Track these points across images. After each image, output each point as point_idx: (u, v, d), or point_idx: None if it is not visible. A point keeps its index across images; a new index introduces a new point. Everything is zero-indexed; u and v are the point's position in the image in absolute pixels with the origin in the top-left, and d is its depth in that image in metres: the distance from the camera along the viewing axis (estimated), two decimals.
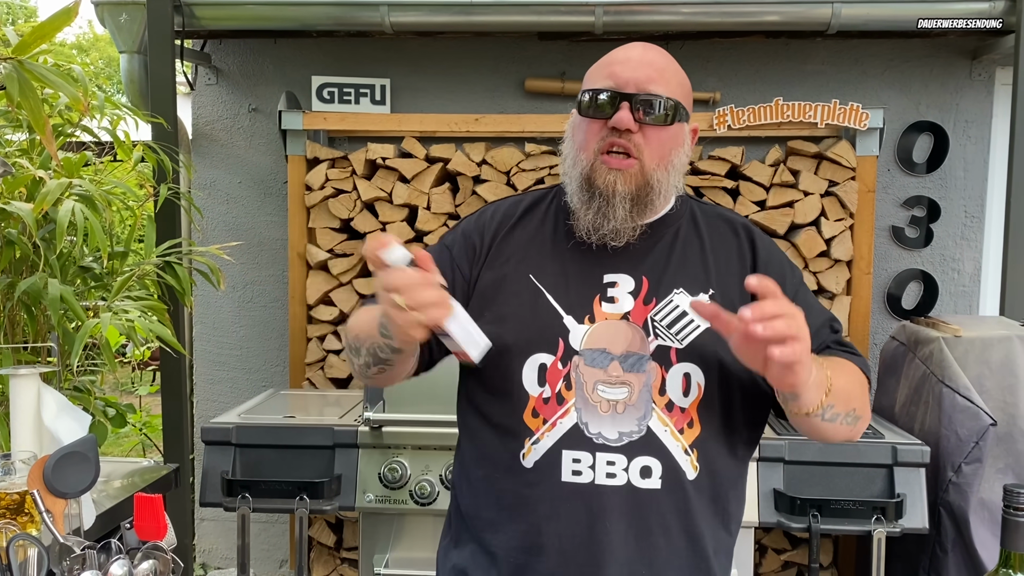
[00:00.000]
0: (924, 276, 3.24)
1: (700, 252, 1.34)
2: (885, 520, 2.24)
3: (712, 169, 3.01)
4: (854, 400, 1.23)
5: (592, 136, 1.28)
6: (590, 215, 1.28)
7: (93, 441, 1.13)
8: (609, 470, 1.23)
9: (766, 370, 1.06)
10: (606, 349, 1.25)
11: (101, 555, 1.06)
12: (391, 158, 3.09)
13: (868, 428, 2.41)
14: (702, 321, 1.25)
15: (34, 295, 2.51)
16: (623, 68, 1.27)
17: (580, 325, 1.27)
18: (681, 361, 1.26)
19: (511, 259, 1.34)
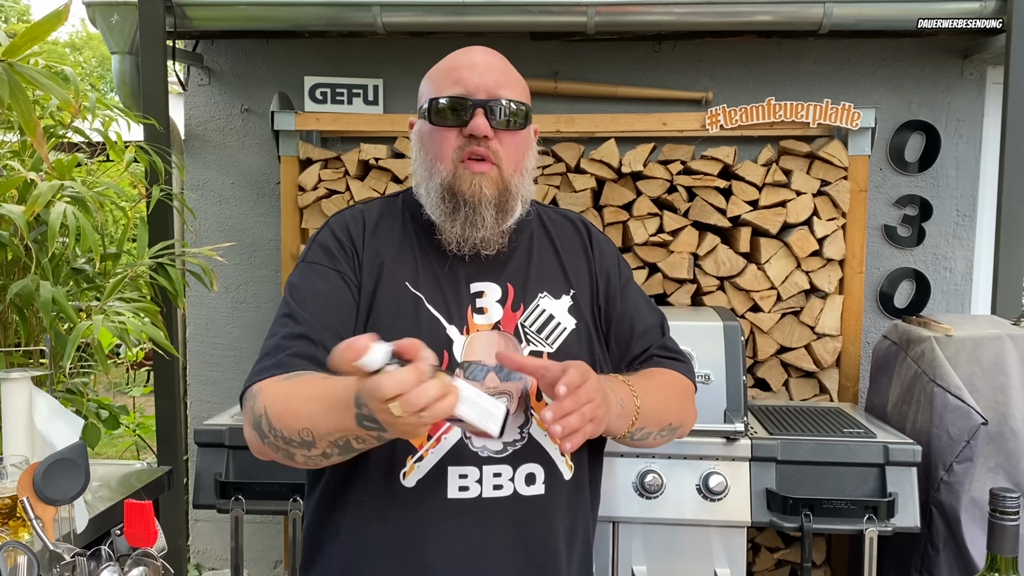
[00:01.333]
0: (916, 275, 3.25)
1: (555, 255, 1.36)
2: (877, 519, 2.25)
3: (704, 169, 3.01)
4: (669, 414, 1.32)
5: (448, 145, 1.25)
6: (457, 226, 1.25)
7: (83, 448, 1.13)
8: (496, 482, 1.23)
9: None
10: (482, 361, 1.24)
11: (91, 562, 1.06)
12: (384, 158, 3.09)
13: (859, 428, 2.42)
14: (568, 322, 1.30)
15: (26, 297, 2.51)
16: (471, 74, 1.25)
17: (460, 336, 1.25)
18: None
19: (383, 268, 1.29)
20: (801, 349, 3.03)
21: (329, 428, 1.04)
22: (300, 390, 1.11)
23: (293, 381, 1.13)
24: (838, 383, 3.05)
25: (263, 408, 1.12)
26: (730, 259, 3.01)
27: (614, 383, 1.21)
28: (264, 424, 1.10)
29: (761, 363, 3.05)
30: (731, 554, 2.36)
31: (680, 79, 3.24)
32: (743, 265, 3.01)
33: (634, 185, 3.06)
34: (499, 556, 1.22)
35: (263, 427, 1.11)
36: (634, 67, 3.26)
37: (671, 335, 1.46)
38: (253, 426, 1.13)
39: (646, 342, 1.39)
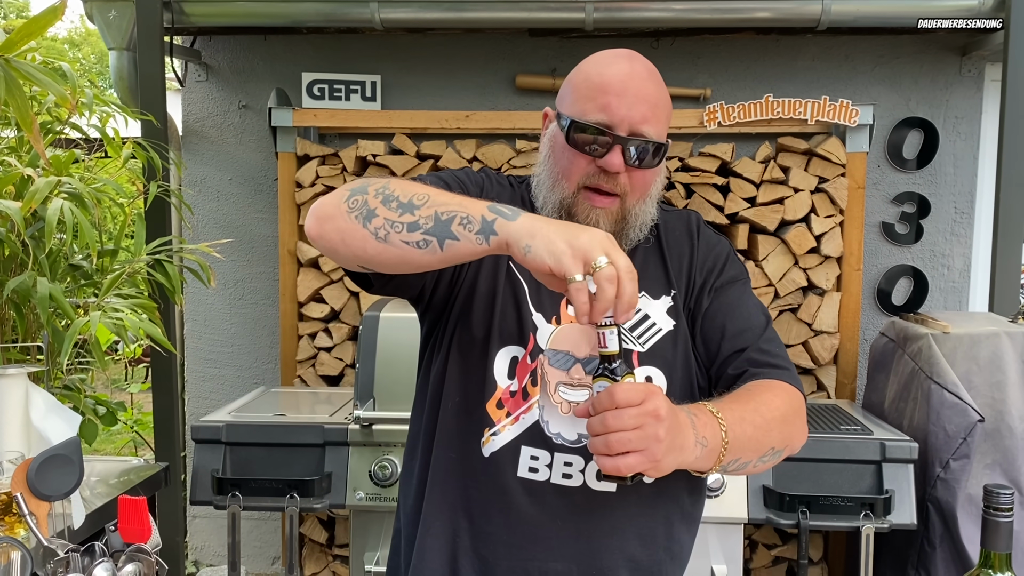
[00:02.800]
0: (914, 272, 3.25)
1: (660, 255, 1.33)
2: (874, 516, 2.25)
3: (702, 166, 3.01)
4: (770, 439, 1.17)
5: (577, 169, 1.23)
6: None
7: (77, 443, 1.13)
8: (566, 471, 1.22)
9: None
10: (570, 352, 1.24)
11: (85, 558, 1.06)
12: (381, 155, 3.08)
13: (856, 425, 2.42)
14: (665, 323, 1.27)
15: (23, 294, 2.51)
16: (619, 102, 1.19)
17: (547, 324, 1.26)
18: (643, 364, 1.26)
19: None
20: (799, 346, 3.03)
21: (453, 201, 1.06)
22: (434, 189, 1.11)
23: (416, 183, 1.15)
24: (836, 380, 3.05)
25: (385, 185, 1.11)
26: None
27: (700, 416, 1.09)
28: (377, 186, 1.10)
29: None
30: (728, 551, 2.36)
31: (678, 76, 3.23)
32: None
33: None
34: (553, 543, 1.22)
35: (370, 187, 1.10)
36: None
37: (775, 338, 1.31)
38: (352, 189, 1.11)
39: (739, 343, 1.27)
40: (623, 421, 0.98)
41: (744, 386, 1.22)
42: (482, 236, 1.03)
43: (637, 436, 0.98)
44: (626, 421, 0.98)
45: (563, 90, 1.29)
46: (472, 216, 1.04)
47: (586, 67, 1.27)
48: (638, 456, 0.99)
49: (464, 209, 1.05)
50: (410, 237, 1.06)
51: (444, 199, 1.07)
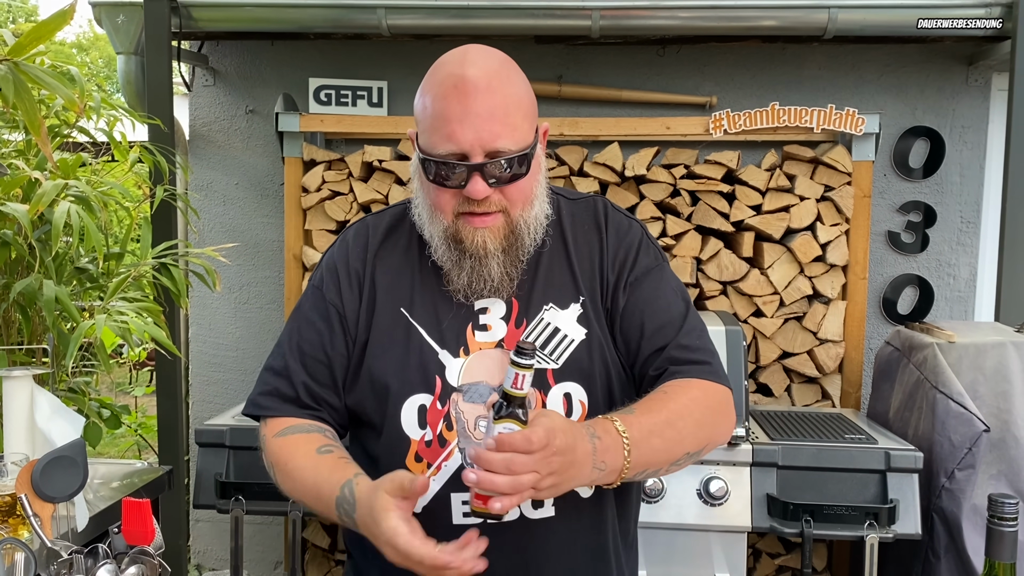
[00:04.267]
0: (920, 281, 3.24)
1: (566, 258, 1.28)
2: (878, 525, 2.24)
3: (708, 173, 3.01)
4: (682, 446, 1.17)
5: (445, 202, 1.18)
6: (464, 276, 1.21)
7: (82, 445, 1.13)
8: None
9: None
10: (484, 381, 1.20)
11: (88, 560, 1.06)
12: (388, 160, 3.09)
13: (860, 434, 2.42)
14: (576, 333, 1.23)
15: (29, 296, 2.51)
16: (463, 129, 1.12)
17: (455, 359, 1.21)
18: (560, 381, 1.22)
19: (379, 290, 1.28)
20: (803, 355, 3.02)
21: (317, 510, 1.18)
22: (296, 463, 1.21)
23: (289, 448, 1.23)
24: (840, 389, 3.04)
25: (271, 462, 1.26)
26: (733, 264, 3.00)
27: (604, 438, 1.07)
28: (273, 474, 1.25)
29: (763, 368, 3.04)
30: (732, 559, 2.35)
31: (684, 83, 3.24)
32: (746, 270, 3.00)
33: (637, 189, 3.06)
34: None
35: (273, 474, 1.25)
36: (638, 71, 3.26)
37: (696, 326, 1.28)
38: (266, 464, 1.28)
39: (658, 341, 1.24)
40: (531, 465, 0.98)
41: (661, 388, 1.19)
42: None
43: (538, 480, 1.00)
44: (534, 465, 0.98)
45: (416, 110, 1.22)
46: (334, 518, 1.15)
47: (426, 90, 1.20)
48: (533, 493, 1.01)
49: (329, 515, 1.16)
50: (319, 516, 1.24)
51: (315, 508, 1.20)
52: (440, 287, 1.25)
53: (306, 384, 1.25)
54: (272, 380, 1.28)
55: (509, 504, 0.99)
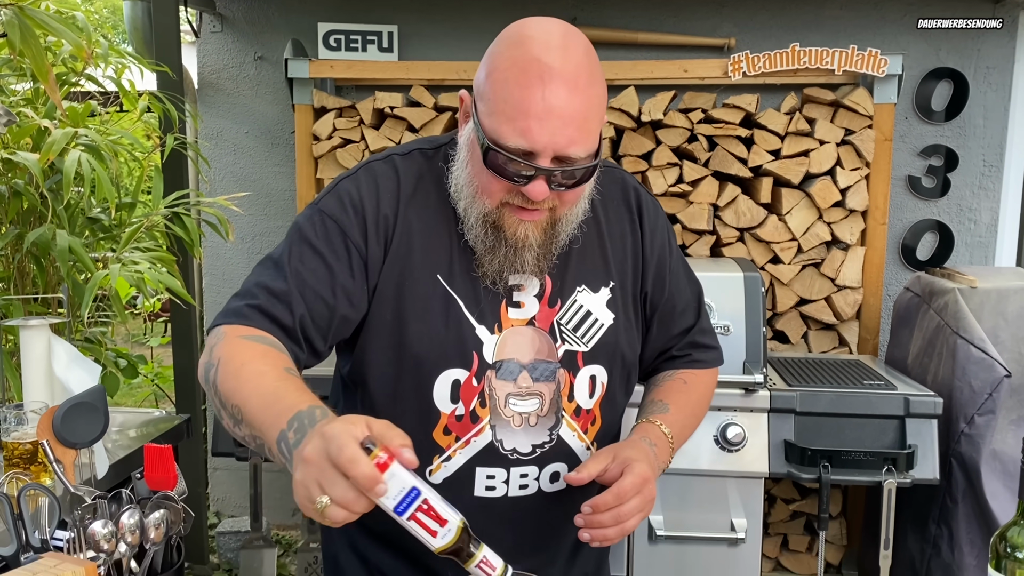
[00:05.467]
0: (940, 227, 3.19)
1: (598, 241, 1.25)
2: (896, 471, 2.24)
3: (726, 117, 2.95)
4: (697, 426, 1.35)
5: (497, 190, 1.11)
6: (496, 263, 1.15)
7: (102, 392, 1.12)
8: (522, 482, 1.21)
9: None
10: (515, 359, 1.18)
11: (112, 505, 1.06)
12: (399, 107, 3.04)
13: (879, 380, 2.40)
14: (605, 317, 1.23)
15: (43, 246, 2.50)
16: (541, 128, 1.03)
17: (491, 336, 1.18)
18: (587, 364, 1.22)
19: (413, 251, 1.17)
20: (821, 301, 2.99)
21: (256, 423, 0.99)
22: (255, 365, 1.04)
23: (256, 350, 1.07)
24: (858, 336, 3.02)
25: (217, 359, 1.06)
26: (751, 210, 2.96)
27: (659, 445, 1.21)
28: (212, 374, 1.06)
29: (780, 315, 3.02)
30: (748, 504, 2.36)
31: (702, 25, 3.16)
32: (764, 216, 2.96)
33: (653, 134, 3.01)
34: (519, 548, 1.20)
35: (210, 376, 1.06)
36: (655, 12, 3.18)
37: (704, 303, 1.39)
38: (204, 367, 1.08)
39: (684, 322, 1.34)
40: (635, 511, 1.08)
41: (681, 377, 1.34)
42: (290, 467, 0.94)
43: (633, 523, 1.10)
44: (638, 510, 1.09)
45: (481, 80, 1.11)
46: (272, 451, 0.97)
47: (503, 66, 1.07)
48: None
49: (265, 439, 0.98)
50: (252, 444, 1.03)
51: (250, 416, 1.00)
52: (473, 262, 1.18)
53: (303, 320, 1.12)
54: (268, 302, 1.11)
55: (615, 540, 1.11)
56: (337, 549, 1.33)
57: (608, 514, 1.07)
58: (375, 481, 0.83)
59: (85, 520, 1.02)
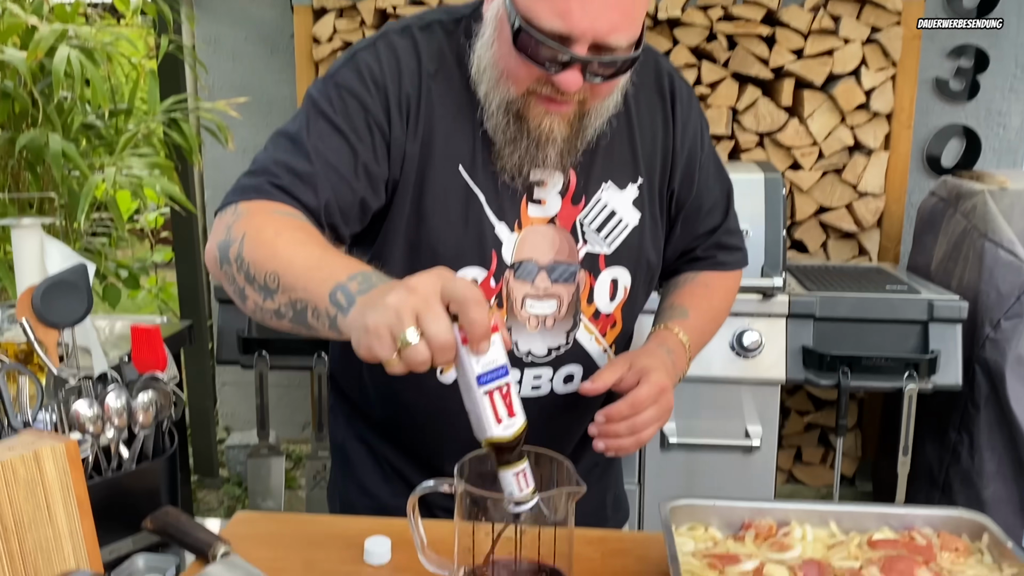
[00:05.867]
0: (966, 132, 3.06)
1: (628, 133, 1.14)
2: (918, 377, 2.18)
3: (746, 15, 2.80)
4: (715, 332, 1.29)
5: (524, 75, 1.00)
6: (516, 156, 1.05)
7: (84, 270, 1.05)
8: (535, 383, 1.15)
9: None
10: (533, 259, 1.10)
11: (98, 386, 1.00)
12: (402, 6, 2.91)
13: (902, 285, 2.33)
14: (630, 217, 1.14)
15: (35, 151, 2.42)
16: (583, 11, 0.93)
17: (511, 234, 1.09)
18: (609, 266, 1.14)
19: (435, 138, 1.07)
20: (842, 209, 2.89)
21: (298, 285, 0.88)
22: (293, 234, 0.94)
23: (290, 223, 0.96)
24: (879, 244, 2.93)
25: (243, 232, 0.94)
26: (771, 113, 2.84)
27: (676, 352, 1.15)
28: (235, 248, 0.93)
29: (799, 224, 2.93)
30: (763, 412, 2.30)
31: None
32: (784, 120, 2.84)
33: (671, 33, 2.87)
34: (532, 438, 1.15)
35: (231, 251, 0.94)
36: None
37: (733, 202, 1.29)
38: (220, 245, 0.96)
39: (712, 221, 1.25)
40: (652, 420, 1.04)
41: (703, 281, 1.27)
42: (335, 332, 0.85)
43: (648, 433, 1.05)
44: (655, 419, 1.04)
45: None
46: (319, 309, 0.86)
47: None
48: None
49: (311, 298, 0.86)
50: (281, 324, 0.92)
51: (292, 278, 0.89)
52: (491, 153, 1.09)
53: (328, 205, 1.01)
54: (291, 182, 1.00)
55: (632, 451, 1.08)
56: (345, 439, 1.28)
57: (623, 424, 1.03)
58: (490, 332, 0.75)
59: (69, 402, 0.96)
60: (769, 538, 0.90)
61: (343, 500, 1.29)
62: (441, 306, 0.75)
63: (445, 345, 0.74)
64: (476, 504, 0.81)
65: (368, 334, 0.76)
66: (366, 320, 0.76)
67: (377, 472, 1.25)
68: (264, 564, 0.93)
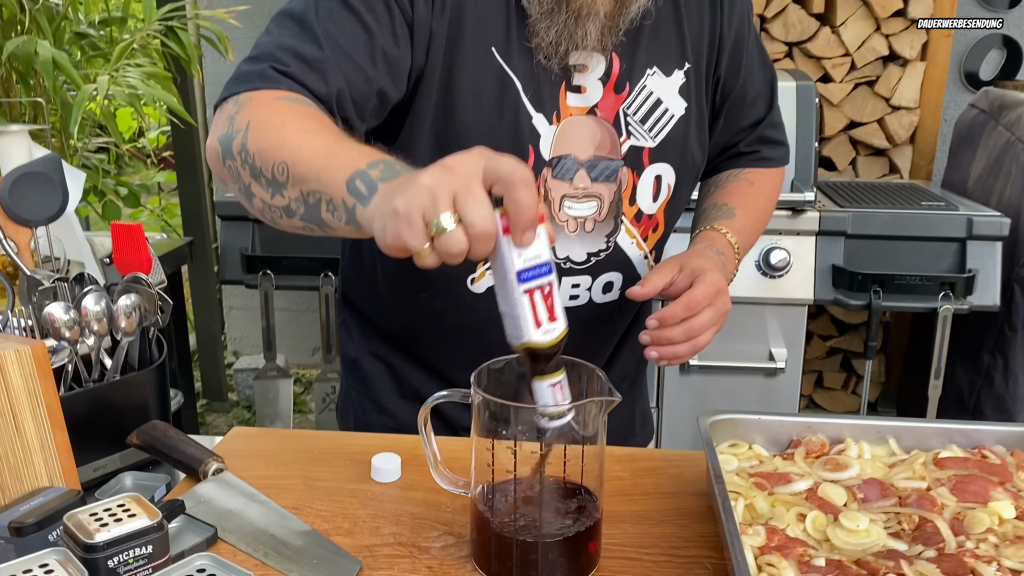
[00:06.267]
0: (1007, 42, 2.89)
1: (674, 12, 1.03)
2: (953, 296, 2.07)
3: None
4: (761, 232, 1.20)
5: None
6: (553, 33, 0.93)
7: (57, 161, 0.95)
8: (573, 292, 1.04)
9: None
10: (572, 155, 0.99)
11: (75, 287, 0.90)
12: None
13: (939, 201, 2.21)
14: (676, 106, 1.02)
15: (25, 60, 2.30)
16: None
17: (549, 127, 0.97)
18: (654, 162, 1.03)
19: (465, 15, 0.94)
20: (873, 124, 2.75)
21: (312, 175, 0.77)
22: (303, 123, 0.83)
23: (299, 110, 0.85)
24: (911, 161, 2.79)
25: (246, 121, 0.83)
26: (801, 21, 2.67)
27: (726, 252, 1.05)
28: (238, 140, 0.83)
29: (827, 140, 2.78)
30: (789, 334, 2.21)
31: None
32: (815, 28, 2.68)
33: None
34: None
35: (234, 143, 0.83)
36: None
37: (776, 92, 1.18)
38: (222, 138, 0.86)
39: (756, 113, 1.15)
40: (708, 323, 0.94)
41: (748, 178, 1.17)
42: (352, 226, 0.74)
43: (705, 338, 0.95)
44: (711, 322, 0.94)
45: None
46: (335, 201, 0.74)
47: None
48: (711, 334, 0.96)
49: (326, 189, 0.75)
50: (293, 224, 0.81)
51: (303, 168, 0.77)
52: (525, 29, 0.96)
53: (340, 94, 0.89)
54: (299, 69, 0.88)
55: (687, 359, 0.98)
56: (359, 354, 1.19)
57: (678, 328, 0.93)
58: (537, 219, 0.64)
59: (44, 306, 0.87)
60: (821, 456, 0.81)
61: (357, 419, 1.20)
62: (483, 189, 0.64)
63: (485, 233, 0.63)
64: (495, 418, 0.71)
65: (397, 219, 0.64)
66: (395, 203, 0.65)
67: (393, 389, 1.16)
68: (261, 483, 0.85)
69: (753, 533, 0.68)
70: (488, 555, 0.73)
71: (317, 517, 0.80)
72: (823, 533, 0.69)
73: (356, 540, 0.77)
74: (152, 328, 0.95)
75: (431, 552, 0.76)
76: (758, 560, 0.65)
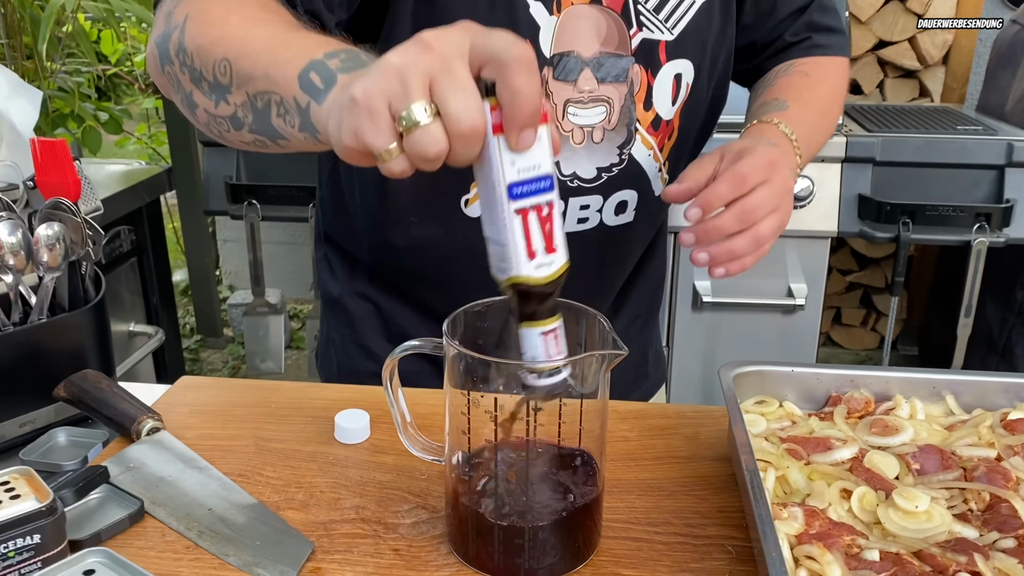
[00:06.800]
0: None
1: None
2: (989, 228, 1.92)
3: None
4: (828, 133, 0.99)
5: None
6: None
7: None
8: (582, 215, 0.89)
9: None
10: (575, 52, 0.84)
11: None
12: None
13: (976, 125, 2.05)
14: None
15: None
16: None
17: (549, 17, 0.82)
18: (672, 58, 0.87)
19: None
20: (904, 43, 2.56)
21: (259, 69, 0.62)
22: (249, 11, 0.68)
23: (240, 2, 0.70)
24: (943, 84, 2.61)
25: (184, 16, 0.69)
26: None
27: (781, 143, 0.84)
28: (175, 38, 0.68)
29: (854, 60, 2.60)
30: (809, 269, 2.07)
31: None
32: None
33: None
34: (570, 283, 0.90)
35: (171, 43, 0.69)
36: None
37: None
38: (158, 40, 0.71)
39: (795, 1, 0.99)
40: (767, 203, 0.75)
41: (802, 69, 0.98)
42: (307, 133, 0.59)
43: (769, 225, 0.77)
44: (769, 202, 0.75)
45: None
46: (286, 101, 0.59)
47: None
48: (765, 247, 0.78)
49: (275, 87, 0.60)
50: (242, 137, 0.66)
51: (248, 63, 0.62)
52: None
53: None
54: None
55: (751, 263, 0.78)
56: (341, 292, 1.05)
57: (729, 214, 0.74)
58: (539, 115, 0.49)
59: None
60: (866, 416, 0.68)
61: (341, 365, 1.07)
62: (468, 71, 0.48)
63: (471, 128, 0.48)
64: (471, 373, 0.58)
65: (356, 109, 0.49)
66: (353, 90, 0.50)
67: (382, 332, 1.02)
68: (205, 444, 0.73)
69: (788, 517, 0.55)
70: (465, 536, 0.61)
71: (266, 487, 0.68)
72: (873, 515, 0.57)
73: (310, 515, 0.65)
74: (85, 263, 0.82)
75: (399, 531, 0.63)
76: (794, 551, 0.53)
